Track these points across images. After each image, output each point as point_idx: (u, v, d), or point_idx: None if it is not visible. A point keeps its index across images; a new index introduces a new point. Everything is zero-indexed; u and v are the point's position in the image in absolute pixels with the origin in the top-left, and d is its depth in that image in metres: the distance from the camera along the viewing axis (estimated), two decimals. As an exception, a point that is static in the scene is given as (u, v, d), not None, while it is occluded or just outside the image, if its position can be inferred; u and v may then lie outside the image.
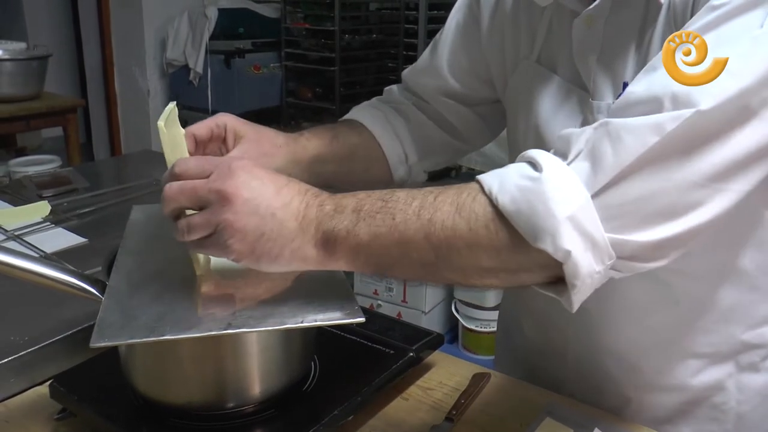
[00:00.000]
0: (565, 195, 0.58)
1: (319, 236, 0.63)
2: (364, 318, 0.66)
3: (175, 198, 0.64)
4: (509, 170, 0.62)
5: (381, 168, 1.00)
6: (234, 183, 0.63)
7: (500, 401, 0.88)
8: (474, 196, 0.61)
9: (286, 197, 0.64)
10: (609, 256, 0.59)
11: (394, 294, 2.83)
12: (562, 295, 0.61)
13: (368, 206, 0.63)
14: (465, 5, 0.96)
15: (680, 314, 0.82)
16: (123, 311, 0.67)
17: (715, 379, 0.85)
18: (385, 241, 0.62)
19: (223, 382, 0.74)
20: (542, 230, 0.57)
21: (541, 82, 0.82)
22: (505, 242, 0.60)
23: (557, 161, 0.60)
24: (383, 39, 3.94)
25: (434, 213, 0.61)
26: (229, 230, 0.62)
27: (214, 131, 0.83)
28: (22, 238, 1.24)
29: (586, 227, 0.57)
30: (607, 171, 0.58)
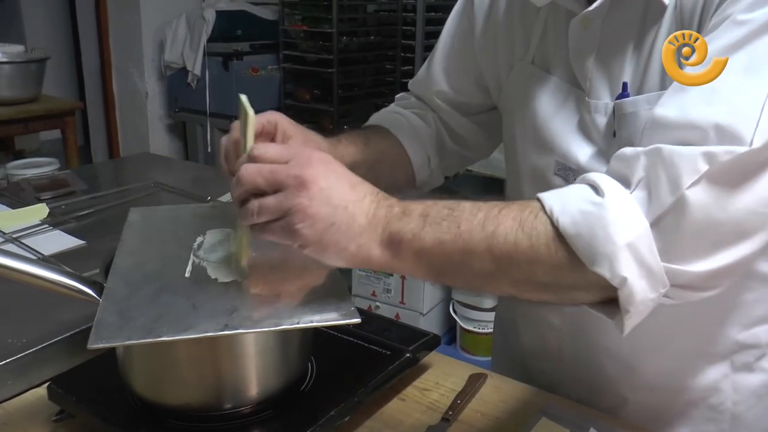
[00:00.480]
0: (625, 223, 0.59)
1: (385, 236, 0.65)
2: (359, 319, 0.66)
3: (251, 179, 0.65)
4: (571, 191, 0.64)
5: (405, 171, 1.02)
6: (313, 171, 0.64)
7: (496, 402, 0.88)
8: (536, 214, 0.63)
9: (359, 193, 0.66)
10: (663, 285, 0.60)
11: (392, 295, 2.84)
12: (614, 317, 0.63)
13: (435, 212, 0.65)
14: (460, 13, 0.97)
15: (676, 315, 0.82)
16: (120, 313, 0.67)
17: (710, 379, 0.85)
18: (449, 248, 0.64)
19: (220, 383, 0.74)
20: (601, 255, 0.59)
21: (537, 83, 0.82)
22: (563, 261, 0.61)
23: (619, 188, 0.61)
24: (381, 41, 3.94)
25: (498, 226, 0.63)
26: (301, 215, 0.63)
27: (266, 127, 0.84)
28: (20, 240, 1.24)
29: (643, 255, 0.59)
30: (663, 199, 0.59)
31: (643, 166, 0.61)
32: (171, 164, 2.34)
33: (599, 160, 0.76)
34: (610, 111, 0.75)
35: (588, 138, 0.77)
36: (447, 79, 0.99)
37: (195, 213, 0.95)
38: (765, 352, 0.85)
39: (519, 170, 0.88)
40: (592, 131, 0.77)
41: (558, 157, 0.80)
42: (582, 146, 0.78)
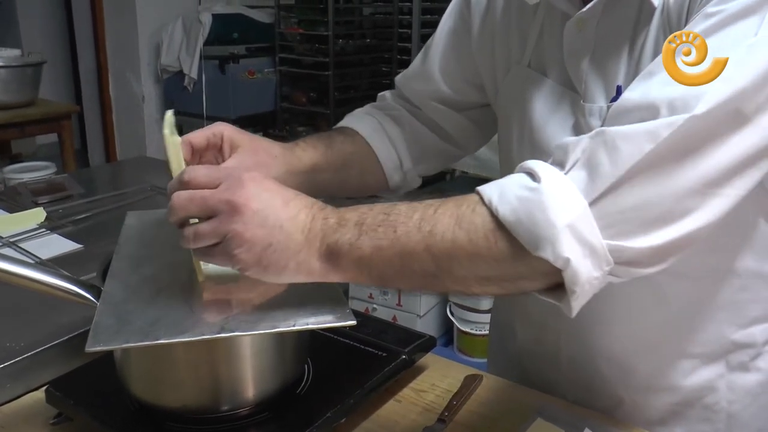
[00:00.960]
0: (563, 204, 0.59)
1: (323, 249, 0.65)
2: (355, 321, 0.67)
3: (183, 207, 0.65)
4: (508, 181, 0.63)
5: (376, 175, 1.01)
6: (244, 194, 0.64)
7: (492, 403, 0.89)
8: (473, 208, 0.63)
9: (293, 210, 0.65)
10: (607, 262, 0.60)
11: (389, 298, 2.84)
12: (562, 300, 0.63)
13: (370, 219, 0.65)
14: (456, 11, 0.97)
15: (672, 315, 0.83)
16: (118, 316, 0.67)
17: (706, 379, 0.85)
18: (388, 253, 0.63)
19: (217, 385, 0.75)
20: (542, 239, 0.59)
21: (533, 86, 0.82)
22: (504, 252, 0.61)
23: (555, 171, 0.61)
24: (377, 44, 3.96)
25: (434, 225, 0.63)
26: (237, 240, 0.63)
27: (211, 140, 0.83)
28: (17, 244, 1.24)
29: (584, 235, 0.59)
30: (603, 179, 0.59)
31: (582, 148, 0.61)
32: (167, 167, 2.34)
33: None
34: (605, 114, 0.75)
35: None
36: (443, 77, 0.98)
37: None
38: (760, 351, 0.85)
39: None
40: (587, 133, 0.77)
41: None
42: None
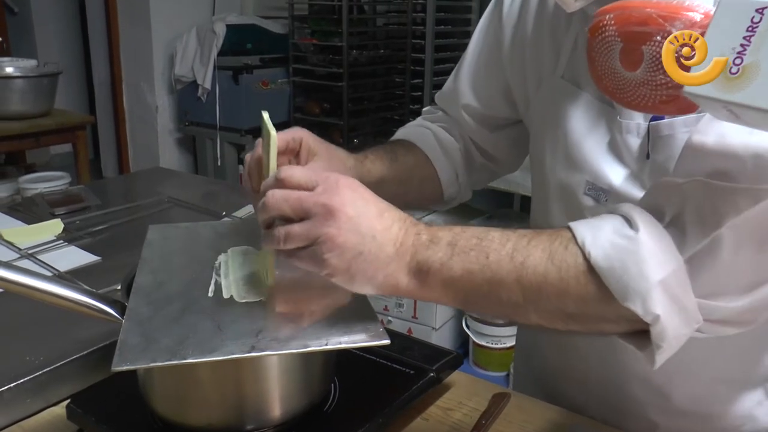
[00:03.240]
0: (659, 259, 0.58)
1: (413, 265, 0.64)
2: (389, 340, 0.65)
3: (277, 206, 0.64)
4: (604, 224, 0.62)
5: (433, 187, 1.01)
6: (340, 199, 0.63)
7: (521, 422, 0.87)
8: (566, 245, 0.62)
9: (387, 221, 0.64)
10: (696, 321, 0.60)
11: (404, 310, 2.82)
12: (645, 350, 0.62)
13: (463, 241, 0.64)
14: (487, 26, 0.96)
15: (711, 340, 0.80)
16: (144, 334, 0.66)
17: (745, 407, 0.83)
18: (477, 278, 0.63)
19: (243, 404, 0.73)
20: (633, 291, 0.58)
21: (568, 99, 0.81)
22: (593, 294, 0.61)
23: (653, 222, 0.61)
24: (390, 54, 3.95)
25: (527, 257, 0.62)
26: (329, 244, 0.62)
27: (290, 144, 0.83)
28: (35, 256, 1.24)
29: (676, 293, 0.58)
30: (700, 236, 0.58)
31: (679, 199, 0.60)
32: (182, 179, 2.34)
33: (632, 182, 0.75)
34: (643, 132, 0.73)
35: (620, 159, 0.76)
36: (474, 93, 0.98)
37: (215, 230, 0.94)
38: None
39: (547, 187, 0.86)
40: (624, 153, 0.75)
41: (588, 177, 0.78)
42: (614, 167, 0.77)
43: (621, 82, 0.62)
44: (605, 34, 0.61)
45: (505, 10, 0.90)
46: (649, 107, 0.61)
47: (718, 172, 0.59)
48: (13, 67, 3.02)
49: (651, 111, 0.64)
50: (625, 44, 0.60)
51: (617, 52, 0.61)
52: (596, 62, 0.64)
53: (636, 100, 0.62)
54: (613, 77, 0.63)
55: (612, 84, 0.63)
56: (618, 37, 0.60)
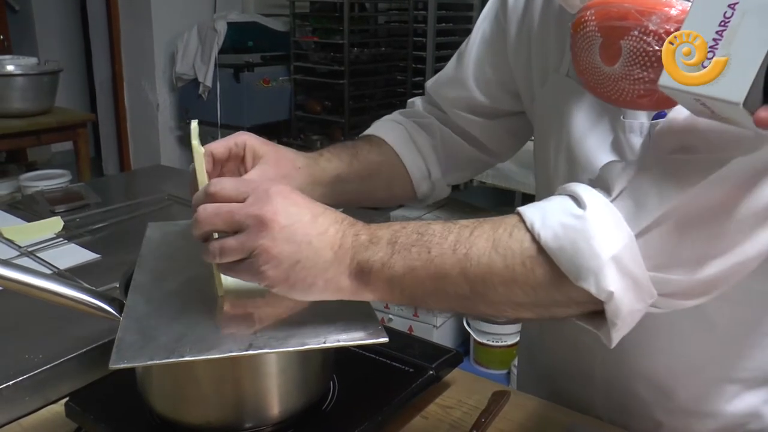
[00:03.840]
0: (609, 234, 0.58)
1: (353, 266, 0.63)
2: (387, 338, 0.65)
3: (209, 220, 0.63)
4: (552, 205, 0.62)
5: (403, 185, 0.98)
6: (272, 208, 0.62)
7: (521, 420, 0.86)
8: (510, 232, 0.61)
9: (322, 225, 0.63)
10: (650, 295, 0.59)
11: (405, 308, 2.82)
12: (601, 329, 0.61)
13: (403, 238, 0.63)
14: (491, 16, 0.94)
15: (716, 338, 0.80)
16: (142, 331, 0.66)
17: (750, 405, 0.83)
18: (420, 274, 0.62)
19: (241, 402, 0.73)
20: (585, 269, 0.57)
21: (573, 96, 0.80)
22: (541, 279, 0.60)
23: (601, 198, 0.60)
24: (392, 52, 3.95)
25: (470, 248, 0.61)
26: (265, 256, 0.61)
27: (233, 150, 0.82)
28: (35, 254, 1.24)
29: (629, 267, 0.58)
30: (651, 210, 0.58)
31: (629, 176, 0.60)
32: (183, 176, 2.33)
33: None
34: (646, 131, 0.73)
35: (622, 158, 0.76)
36: (477, 84, 0.96)
37: (213, 228, 0.94)
38: None
39: (552, 185, 0.85)
40: (627, 151, 0.75)
41: (591, 176, 0.78)
42: None
43: (601, 76, 0.62)
44: (586, 30, 0.62)
45: (511, 3, 0.89)
46: (627, 102, 0.62)
47: (679, 149, 0.59)
48: (14, 65, 3.03)
49: (630, 106, 0.64)
50: (605, 39, 0.60)
51: (597, 47, 0.61)
52: (578, 57, 0.65)
53: (615, 95, 0.62)
54: (594, 72, 0.63)
55: (593, 79, 0.64)
56: (598, 32, 0.61)
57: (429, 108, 1.03)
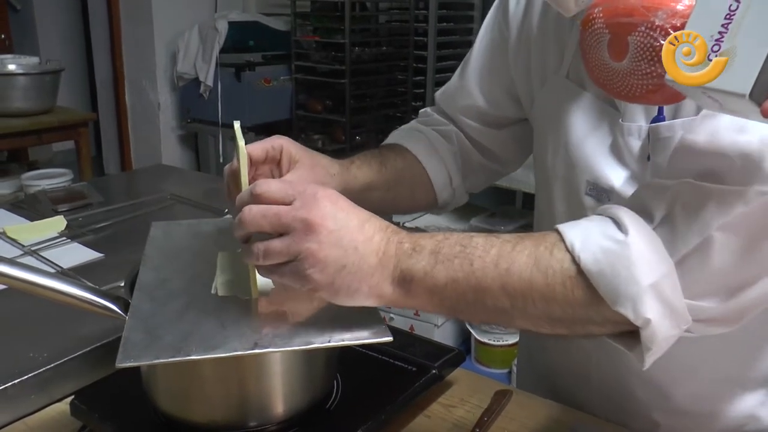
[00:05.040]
0: (649, 262, 0.58)
1: (397, 274, 0.64)
2: (392, 337, 0.65)
3: (255, 222, 0.63)
4: (592, 227, 0.63)
5: (426, 192, 0.99)
6: (320, 213, 0.62)
7: (524, 419, 0.87)
8: (551, 250, 0.62)
9: (368, 232, 0.64)
10: (686, 322, 0.60)
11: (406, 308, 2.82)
12: (633, 350, 0.62)
13: (446, 249, 0.64)
14: (493, 24, 0.95)
15: (712, 340, 0.80)
16: (147, 330, 0.66)
17: (747, 406, 0.83)
18: (462, 286, 0.63)
19: (246, 400, 0.73)
20: (624, 295, 0.58)
21: (572, 99, 0.81)
22: (580, 299, 0.61)
23: (642, 225, 0.61)
24: (393, 52, 3.95)
25: (512, 264, 0.62)
26: (311, 260, 0.61)
27: (270, 153, 0.81)
28: (38, 253, 1.24)
29: (667, 295, 0.58)
30: (689, 239, 0.58)
31: (668, 201, 0.61)
32: (185, 176, 2.34)
33: (633, 184, 0.75)
34: (644, 134, 0.73)
35: (621, 161, 0.76)
36: (481, 91, 0.97)
37: (217, 227, 0.94)
38: None
39: (550, 186, 0.86)
40: (625, 154, 0.75)
41: (589, 177, 0.78)
42: (615, 169, 0.77)
43: (610, 72, 0.63)
44: (594, 27, 0.63)
45: (511, 9, 0.90)
46: (637, 97, 0.62)
47: (707, 172, 0.60)
48: (15, 65, 3.03)
49: (639, 101, 0.65)
50: (612, 36, 0.61)
51: (605, 44, 0.62)
52: (587, 54, 0.65)
53: (624, 90, 0.63)
54: (603, 68, 0.64)
55: (602, 75, 0.65)
56: (606, 28, 0.62)
57: (441, 119, 1.04)
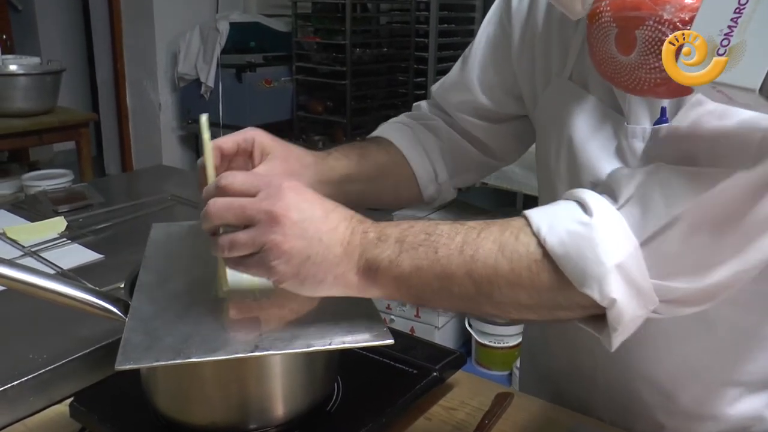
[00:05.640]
0: (614, 242, 0.59)
1: (362, 263, 0.63)
2: (392, 340, 0.65)
3: (220, 214, 0.63)
4: (559, 211, 0.63)
5: (410, 186, 0.98)
6: (284, 204, 0.62)
7: (524, 422, 0.86)
8: (517, 235, 0.62)
9: (333, 222, 0.64)
10: (652, 302, 0.60)
11: (407, 309, 2.82)
12: (602, 332, 0.62)
13: (411, 237, 0.64)
14: (495, 19, 0.94)
15: (718, 341, 0.80)
16: (147, 332, 0.66)
17: (753, 408, 0.83)
18: (427, 274, 0.63)
19: (246, 403, 0.73)
20: (590, 276, 0.58)
21: (575, 101, 0.80)
22: (546, 283, 0.61)
23: (608, 206, 0.61)
24: (394, 53, 3.95)
25: (477, 250, 0.62)
26: (276, 251, 0.61)
27: (241, 145, 0.81)
28: (38, 254, 1.24)
29: (633, 275, 0.58)
30: (656, 219, 0.58)
31: (637, 182, 0.61)
32: (185, 176, 2.33)
33: None
34: (648, 136, 0.73)
35: (625, 163, 0.75)
36: (481, 87, 0.95)
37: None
38: None
39: (554, 187, 0.86)
40: (629, 157, 0.75)
41: (593, 179, 0.78)
42: None
43: (618, 66, 0.63)
44: (602, 20, 0.63)
45: (514, 6, 0.89)
46: (645, 90, 0.62)
47: (682, 157, 0.60)
48: (16, 65, 3.02)
49: (647, 94, 0.65)
50: (620, 29, 0.61)
51: (613, 38, 0.62)
52: (595, 48, 0.65)
53: (632, 84, 0.63)
54: (611, 62, 0.64)
55: (610, 69, 0.65)
56: (613, 22, 0.62)
57: (435, 112, 1.03)
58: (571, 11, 0.68)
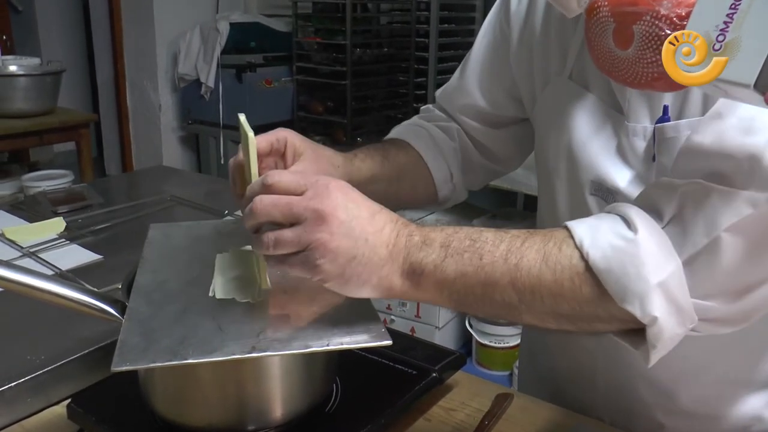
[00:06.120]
0: (658, 260, 0.59)
1: (406, 267, 0.64)
2: (391, 341, 0.65)
3: (267, 211, 0.63)
4: (602, 224, 0.63)
5: (427, 187, 0.99)
6: (331, 203, 0.62)
7: (524, 423, 0.86)
8: (560, 246, 0.62)
9: (379, 223, 0.64)
10: (692, 321, 0.60)
11: (407, 309, 2.82)
12: (639, 347, 0.62)
13: (456, 243, 0.64)
14: (494, 23, 0.95)
15: (718, 341, 0.80)
16: (144, 334, 0.65)
17: (753, 407, 0.83)
18: (471, 280, 0.63)
19: (244, 404, 0.73)
20: (631, 293, 0.58)
21: (575, 100, 0.80)
22: (587, 296, 0.61)
23: (652, 224, 0.61)
24: (394, 53, 3.94)
25: (521, 259, 0.62)
26: (322, 250, 0.61)
27: (274, 145, 0.82)
28: (37, 255, 1.23)
29: (674, 294, 0.59)
30: (698, 239, 0.59)
31: (678, 201, 0.61)
32: (185, 177, 2.34)
33: (639, 184, 0.75)
34: (649, 135, 0.73)
35: (626, 162, 0.76)
36: (481, 92, 0.96)
37: (217, 229, 0.94)
38: None
39: (553, 186, 0.86)
40: (630, 155, 0.75)
41: (593, 178, 0.78)
42: (620, 170, 0.76)
43: (615, 60, 0.64)
44: (599, 15, 0.63)
45: (513, 9, 0.89)
46: (642, 84, 0.63)
47: (714, 174, 0.60)
48: (16, 65, 3.02)
49: (645, 88, 0.65)
50: (617, 24, 0.62)
51: (610, 32, 0.63)
52: (593, 42, 0.66)
53: (630, 78, 0.63)
54: (609, 56, 0.64)
55: (608, 63, 0.65)
56: (611, 17, 0.62)
57: (442, 115, 1.04)
58: (567, 9, 0.68)
